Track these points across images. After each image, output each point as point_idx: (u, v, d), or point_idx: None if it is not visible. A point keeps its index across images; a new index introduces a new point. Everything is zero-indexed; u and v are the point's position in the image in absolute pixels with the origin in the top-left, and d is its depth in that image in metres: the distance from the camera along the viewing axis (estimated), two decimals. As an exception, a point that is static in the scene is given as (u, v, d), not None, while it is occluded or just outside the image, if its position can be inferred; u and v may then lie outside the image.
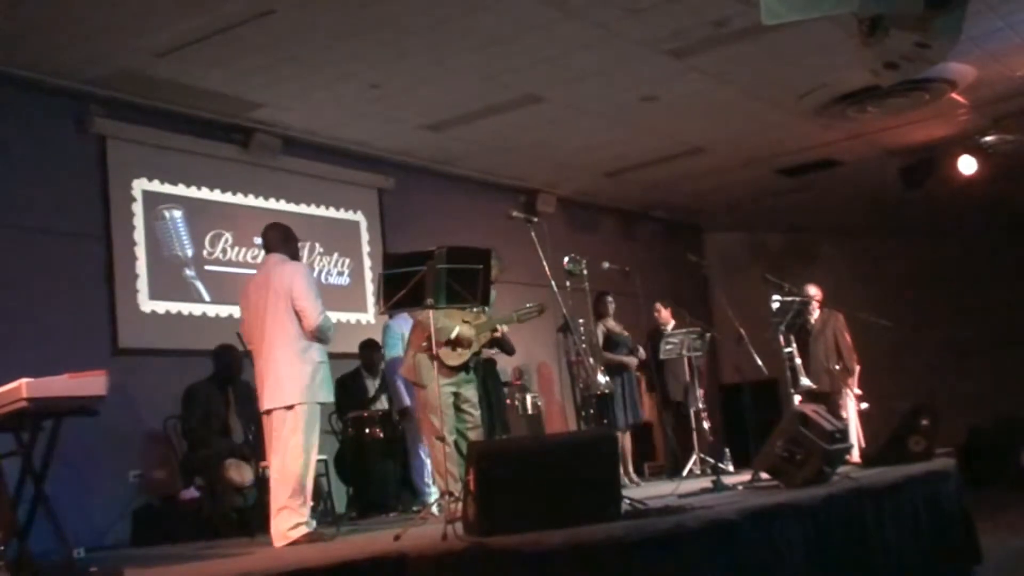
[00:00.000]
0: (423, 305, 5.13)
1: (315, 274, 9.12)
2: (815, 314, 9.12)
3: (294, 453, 5.39)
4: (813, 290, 9.18)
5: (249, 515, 6.65)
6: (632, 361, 8.92)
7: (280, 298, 5.49)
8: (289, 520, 5.30)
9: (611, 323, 9.00)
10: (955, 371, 13.39)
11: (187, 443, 7.24)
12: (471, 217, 10.14)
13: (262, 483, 6.86)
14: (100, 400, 4.62)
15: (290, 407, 5.41)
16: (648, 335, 9.38)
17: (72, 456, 5.46)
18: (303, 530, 5.31)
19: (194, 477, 7.15)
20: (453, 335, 6.17)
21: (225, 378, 7.33)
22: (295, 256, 5.86)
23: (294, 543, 5.24)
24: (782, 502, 4.66)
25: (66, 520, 4.79)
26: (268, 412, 5.51)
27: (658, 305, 9.64)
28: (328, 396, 5.65)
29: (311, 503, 5.53)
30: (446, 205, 10.30)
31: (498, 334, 6.51)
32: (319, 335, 5.53)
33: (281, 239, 5.80)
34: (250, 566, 4.45)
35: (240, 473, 7.02)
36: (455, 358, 6.26)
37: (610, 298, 9.07)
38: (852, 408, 8.92)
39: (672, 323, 9.48)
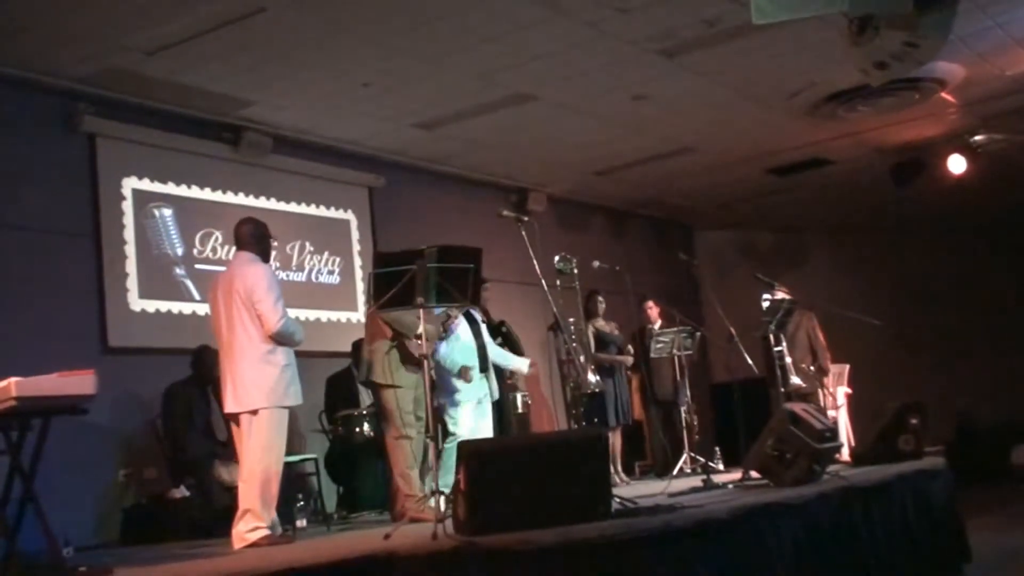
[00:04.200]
0: (413, 304, 5.13)
1: (305, 273, 9.12)
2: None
3: (258, 457, 5.40)
4: (782, 292, 9.15)
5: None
6: (626, 359, 8.89)
7: (242, 301, 5.47)
8: (249, 523, 5.32)
9: (600, 323, 8.98)
10: (946, 370, 13.44)
11: (171, 443, 7.23)
12: (462, 216, 10.14)
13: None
14: (89, 399, 4.61)
15: (254, 412, 5.43)
16: (635, 333, 9.38)
17: (61, 455, 5.44)
18: (262, 533, 5.31)
19: (183, 477, 7.14)
20: (420, 330, 6.19)
21: (204, 378, 7.34)
22: (266, 254, 5.78)
23: (252, 545, 5.25)
24: (772, 501, 4.67)
25: (55, 519, 4.76)
26: (234, 416, 5.53)
27: (650, 303, 9.64)
28: (295, 399, 5.60)
29: (274, 512, 5.47)
30: (437, 204, 10.29)
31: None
32: (281, 340, 5.50)
33: (253, 236, 5.73)
34: (239, 565, 4.44)
35: (229, 472, 7.02)
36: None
37: (600, 297, 9.05)
38: (841, 407, 8.95)
39: (659, 322, 9.49)
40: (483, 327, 6.92)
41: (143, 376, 7.58)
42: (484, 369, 6.73)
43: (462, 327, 6.70)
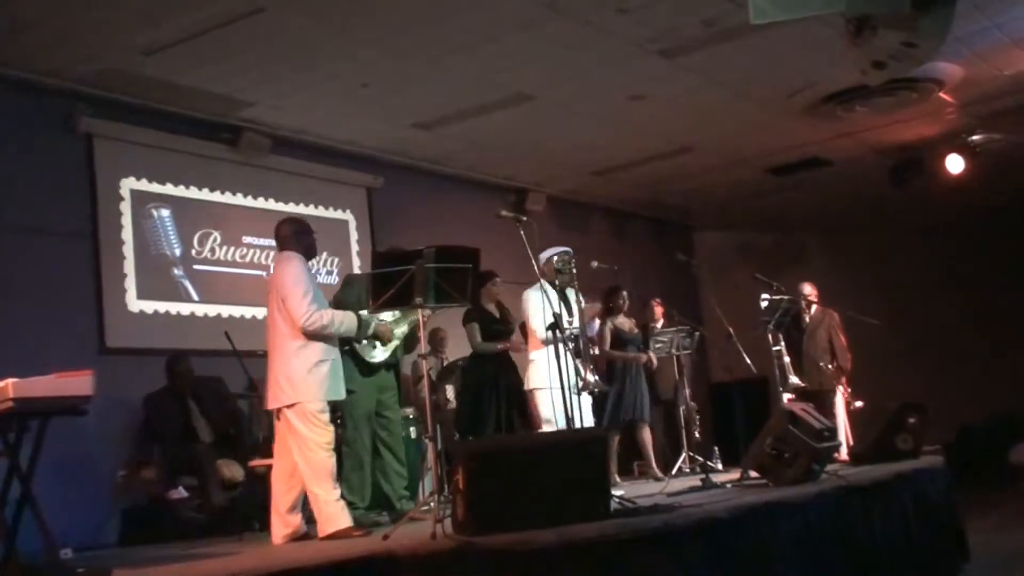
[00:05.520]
0: (412, 304, 5.13)
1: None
2: (811, 312, 9.13)
3: (300, 451, 5.32)
4: (808, 288, 9.18)
5: (238, 514, 6.65)
6: (640, 356, 8.81)
7: (275, 297, 5.46)
8: (326, 508, 5.26)
9: (621, 320, 8.90)
10: (945, 369, 13.44)
11: (160, 449, 7.23)
12: (460, 216, 10.13)
13: (255, 479, 6.87)
14: (87, 400, 4.60)
15: (291, 406, 5.36)
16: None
17: (60, 456, 5.43)
18: (345, 522, 5.26)
19: (179, 477, 7.14)
20: (370, 331, 6.16)
21: (179, 387, 7.35)
22: (308, 250, 5.71)
23: (331, 536, 5.20)
24: (771, 500, 4.67)
25: (53, 520, 4.75)
26: (276, 412, 5.48)
27: (656, 301, 9.63)
28: (334, 394, 5.51)
29: (335, 493, 5.39)
30: (435, 204, 10.29)
31: (418, 331, 6.50)
32: (313, 334, 5.40)
33: (292, 234, 5.68)
34: (239, 566, 4.44)
35: (231, 470, 7.03)
36: (376, 354, 6.28)
37: (625, 294, 9.00)
38: (842, 406, 8.94)
39: (661, 322, 9.49)
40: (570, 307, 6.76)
41: (141, 377, 7.55)
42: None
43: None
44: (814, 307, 9.15)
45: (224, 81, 7.78)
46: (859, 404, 8.98)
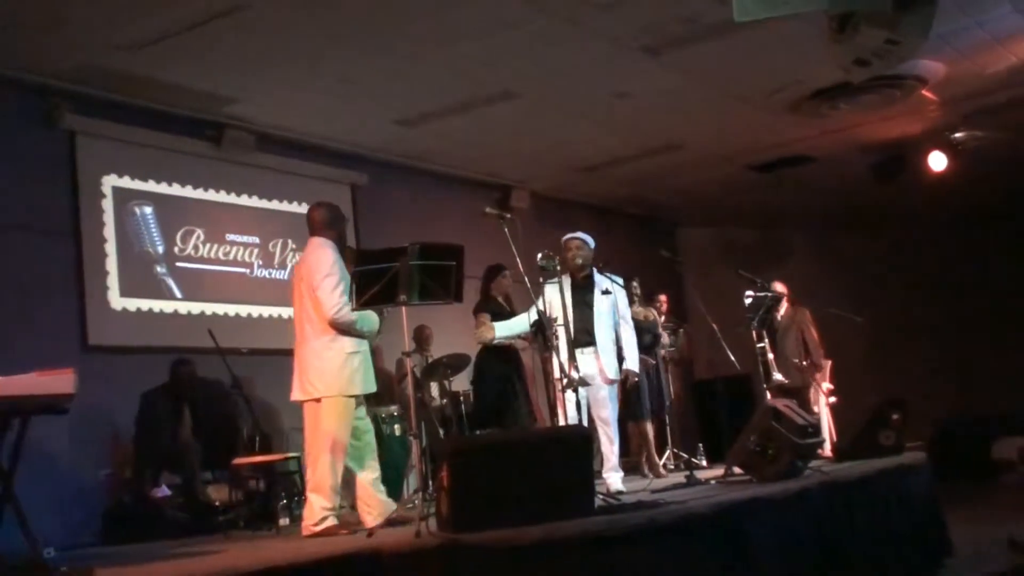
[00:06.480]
0: (396, 302, 5.12)
1: (287, 271, 9.03)
2: (782, 310, 9.17)
3: (321, 445, 5.28)
4: (779, 287, 9.22)
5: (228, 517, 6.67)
6: (647, 360, 8.76)
7: (306, 286, 5.37)
8: (313, 515, 5.22)
9: (636, 309, 8.89)
10: (928, 365, 13.52)
11: (147, 447, 7.21)
12: (445, 213, 10.13)
13: (250, 497, 6.85)
14: (69, 398, 4.57)
15: (317, 400, 5.31)
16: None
17: (42, 454, 5.41)
18: (329, 523, 5.22)
19: (163, 475, 7.11)
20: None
21: (178, 391, 7.32)
22: (341, 238, 5.62)
23: (318, 535, 5.16)
24: (754, 496, 4.69)
25: (35, 519, 4.73)
26: (300, 403, 5.44)
27: (662, 297, 9.61)
28: (365, 387, 5.42)
29: (334, 500, 5.34)
30: (419, 201, 10.27)
31: (383, 315, 6.44)
32: (339, 328, 5.29)
33: (323, 221, 5.57)
34: (222, 564, 4.42)
35: (218, 492, 7.01)
36: None
37: (636, 283, 8.97)
38: (823, 403, 8.98)
39: (663, 317, 9.49)
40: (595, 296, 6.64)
41: (123, 375, 7.52)
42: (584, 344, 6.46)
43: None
44: (785, 305, 9.19)
45: (207, 78, 7.75)
46: (833, 399, 9.03)
